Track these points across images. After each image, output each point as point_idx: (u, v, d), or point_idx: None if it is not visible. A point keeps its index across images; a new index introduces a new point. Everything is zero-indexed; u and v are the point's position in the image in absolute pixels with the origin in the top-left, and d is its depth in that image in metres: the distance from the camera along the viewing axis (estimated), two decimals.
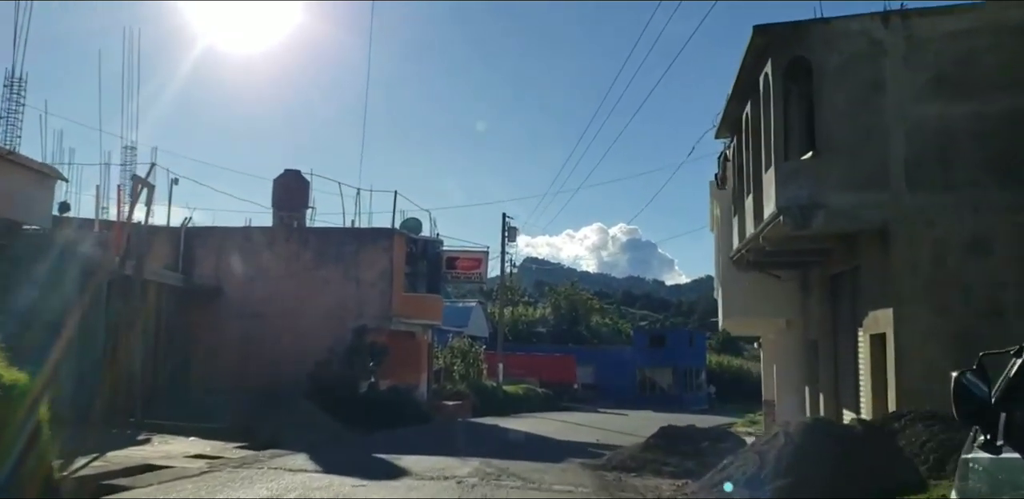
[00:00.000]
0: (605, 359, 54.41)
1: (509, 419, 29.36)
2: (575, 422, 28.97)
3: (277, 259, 26.99)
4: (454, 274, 29.80)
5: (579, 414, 35.95)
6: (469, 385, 33.29)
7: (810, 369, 18.56)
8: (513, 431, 23.66)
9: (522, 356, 49.07)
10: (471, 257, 29.90)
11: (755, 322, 19.84)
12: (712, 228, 24.16)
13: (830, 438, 10.81)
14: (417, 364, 29.95)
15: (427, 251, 29.07)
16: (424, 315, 28.80)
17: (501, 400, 33.80)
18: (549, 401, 38.83)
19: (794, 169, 13.63)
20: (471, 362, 34.72)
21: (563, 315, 65.49)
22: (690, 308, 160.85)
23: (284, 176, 28.20)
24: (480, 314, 55.91)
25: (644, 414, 40.67)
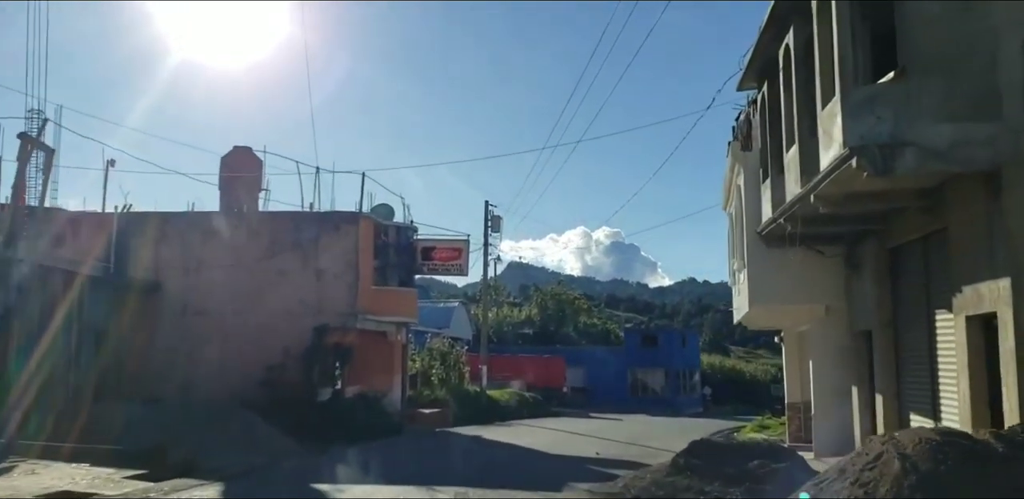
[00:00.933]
0: (595, 361, 50.75)
1: (493, 428, 25.61)
2: (568, 430, 25.26)
3: (224, 248, 23.12)
4: (431, 265, 26.07)
5: (570, 420, 32.22)
6: (449, 391, 29.50)
7: (859, 366, 14.96)
8: (498, 444, 19.89)
9: (508, 358, 45.29)
10: (450, 246, 26.18)
11: (788, 311, 16.26)
12: (726, 206, 20.59)
13: (970, 462, 7.19)
14: (389, 368, 26.14)
15: (399, 239, 25.29)
16: (397, 311, 24.99)
17: (485, 406, 30.03)
18: (537, 406, 35.09)
19: (870, 96, 10.01)
20: (452, 365, 30.94)
21: (549, 315, 61.79)
22: (674, 310, 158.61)
23: (233, 154, 24.36)
24: (463, 315, 52.11)
25: (639, 419, 37.15)
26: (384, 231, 24.62)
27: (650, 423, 33.79)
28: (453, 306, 50.29)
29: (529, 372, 43.07)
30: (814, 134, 11.76)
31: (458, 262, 26.22)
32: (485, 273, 30.92)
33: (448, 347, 31.39)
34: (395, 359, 26.39)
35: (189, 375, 22.10)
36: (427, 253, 26.11)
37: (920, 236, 12.24)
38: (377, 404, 22.90)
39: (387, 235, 24.69)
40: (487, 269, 30.88)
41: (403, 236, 25.37)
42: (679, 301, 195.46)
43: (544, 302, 62.51)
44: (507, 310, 64.05)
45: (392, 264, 24.94)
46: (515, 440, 20.83)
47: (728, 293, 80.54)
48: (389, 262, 24.82)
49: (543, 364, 44.46)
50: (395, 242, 25.05)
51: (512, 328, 60.97)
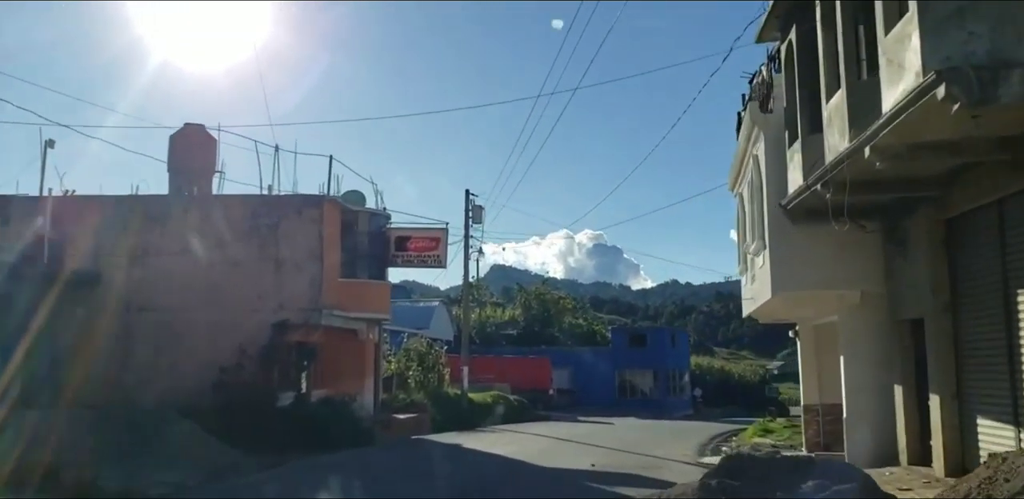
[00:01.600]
0: (581, 361, 48.29)
1: (475, 435, 23.07)
2: (557, 436, 22.76)
3: (173, 236, 20.45)
4: (405, 257, 23.50)
5: (558, 425, 29.74)
6: (427, 394, 26.94)
7: (904, 361, 12.61)
8: (480, 455, 17.37)
9: (491, 359, 42.73)
10: (426, 236, 23.62)
11: (816, 298, 13.88)
12: (734, 186, 18.24)
13: None
14: (360, 369, 23.55)
15: (370, 227, 22.71)
16: (367, 307, 22.41)
17: (466, 411, 27.48)
18: (522, 410, 32.58)
19: (958, 8, 7.65)
20: (430, 366, 28.36)
21: (534, 316, 59.29)
22: (657, 312, 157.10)
23: (184, 131, 21.69)
24: (444, 315, 49.51)
25: (629, 422, 34.74)
26: (353, 218, 22.02)
27: (642, 427, 31.38)
28: (433, 306, 47.66)
29: (514, 374, 40.52)
30: (873, 71, 9.40)
31: (435, 253, 23.67)
32: (466, 266, 28.45)
33: (426, 347, 28.81)
34: (367, 360, 23.80)
35: (132, 379, 19.40)
36: (401, 243, 23.54)
37: (993, 200, 9.90)
38: (345, 409, 20.29)
39: (356, 222, 22.10)
40: (468, 262, 28.41)
41: (374, 224, 22.78)
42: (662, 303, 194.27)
43: (528, 302, 60.02)
44: (490, 310, 61.52)
45: (362, 255, 22.35)
46: (500, 449, 18.30)
47: (710, 294, 78.65)
48: (358, 252, 22.23)
49: (528, 365, 41.95)
50: (365, 230, 22.47)
51: (495, 329, 58.43)
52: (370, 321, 23.45)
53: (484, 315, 59.65)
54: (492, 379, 38.67)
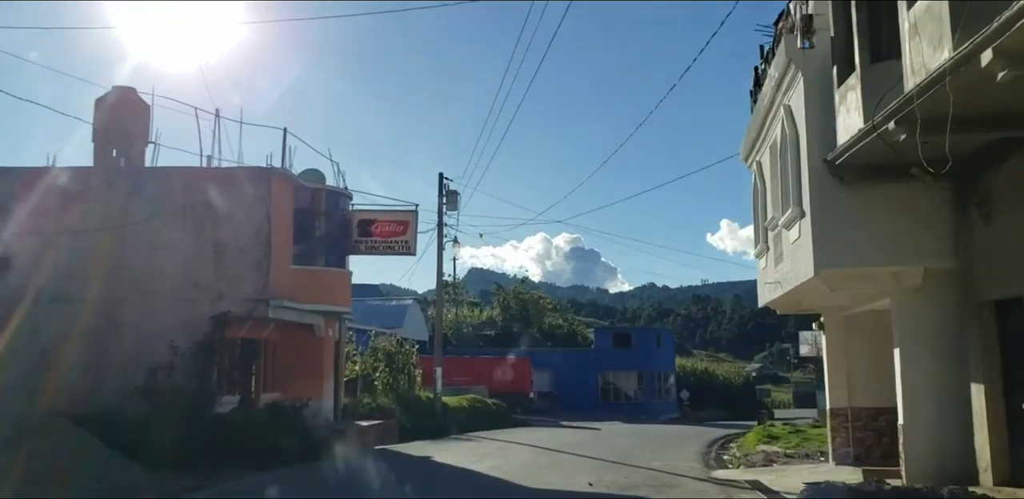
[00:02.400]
0: (563, 363, 45.40)
1: (449, 444, 20.12)
2: (541, 445, 19.86)
3: (96, 215, 17.31)
4: (370, 242, 20.52)
5: (540, 431, 26.87)
6: (396, 398, 23.93)
7: (985, 355, 9.88)
8: (452, 472, 14.41)
9: (468, 360, 39.80)
10: (394, 219, 20.66)
11: (865, 277, 11.10)
12: (750, 154, 15.50)
13: None
14: (318, 370, 20.51)
15: (329, 207, 19.72)
16: (324, 298, 19.39)
17: (439, 416, 24.51)
18: (500, 415, 29.66)
19: None
20: (400, 367, 25.34)
21: (512, 316, 56.34)
22: (634, 314, 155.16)
23: (112, 96, 18.58)
24: (417, 314, 46.51)
25: (616, 427, 31.99)
26: (308, 196, 19.01)
27: (631, 432, 28.59)
28: (406, 304, 44.63)
29: (492, 376, 37.62)
30: None
31: (404, 238, 20.69)
32: (440, 256, 25.46)
33: (396, 346, 25.78)
34: (325, 359, 20.77)
35: (42, 382, 16.25)
36: (365, 227, 20.54)
37: None
38: (295, 416, 17.25)
39: (312, 201, 19.09)
40: (442, 251, 25.45)
41: (334, 204, 19.79)
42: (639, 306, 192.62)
43: (506, 302, 57.09)
44: (467, 310, 58.55)
45: (319, 239, 19.37)
46: (476, 463, 15.36)
47: (687, 297, 75.69)
48: (315, 236, 19.23)
49: (508, 366, 39.00)
50: (323, 211, 19.47)
51: (472, 329, 55.42)
52: (329, 315, 20.42)
53: (461, 315, 56.66)
54: (468, 381, 35.75)
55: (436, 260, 25.34)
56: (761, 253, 14.94)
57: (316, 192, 19.23)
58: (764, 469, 15.36)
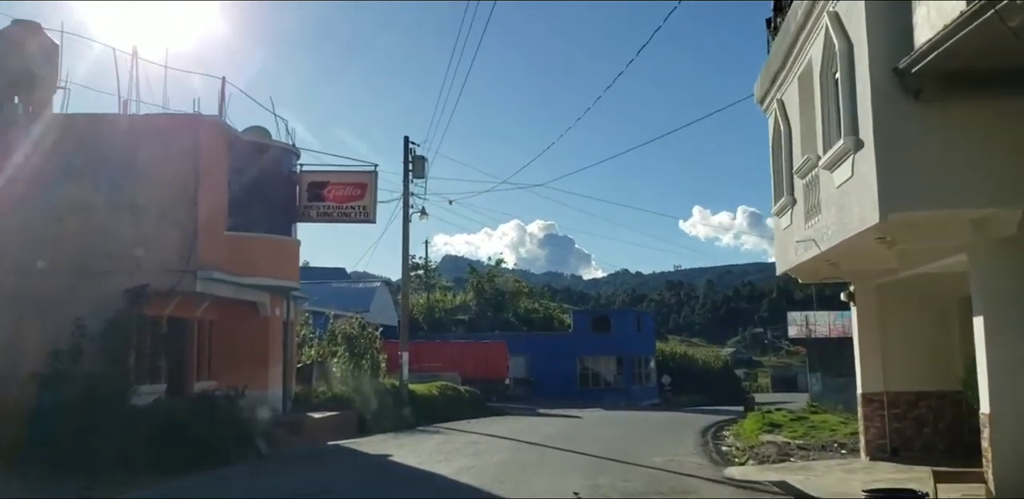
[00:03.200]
0: (540, 348, 42.84)
1: (414, 438, 17.41)
2: (519, 438, 17.24)
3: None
4: (322, 208, 17.66)
5: (517, 421, 24.28)
6: (357, 386, 21.15)
7: None
8: (412, 476, 11.65)
9: (439, 345, 37.11)
10: (349, 181, 17.81)
11: (935, 225, 8.56)
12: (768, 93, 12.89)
13: None
14: (262, 354, 17.68)
15: (273, 166, 16.82)
16: (267, 270, 16.53)
17: (405, 406, 21.77)
18: (474, 403, 27.01)
19: None
20: (362, 352, 22.53)
21: (487, 300, 53.60)
22: (608, 301, 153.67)
23: (12, 30, 15.45)
24: (386, 297, 43.62)
25: (597, 415, 29.53)
26: (247, 151, 16.10)
27: (615, 420, 26.13)
28: (374, 287, 41.74)
29: (465, 361, 34.89)
30: None
31: (361, 203, 17.83)
32: (405, 228, 22.55)
33: (358, 329, 22.95)
34: (271, 342, 17.93)
35: None
36: (316, 190, 17.67)
37: None
38: (230, 408, 14.43)
39: (252, 157, 16.17)
40: (408, 223, 22.57)
41: (279, 162, 16.90)
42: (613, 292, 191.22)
43: (480, 285, 54.30)
44: (440, 294, 55.76)
45: (260, 202, 16.46)
46: (443, 464, 12.65)
47: (661, 283, 72.91)
48: (255, 198, 16.32)
49: (482, 352, 36.32)
50: (266, 169, 16.55)
51: (445, 314, 52.71)
52: (275, 292, 17.57)
53: (433, 299, 53.90)
54: (440, 368, 33.03)
55: (402, 232, 22.52)
56: (784, 209, 12.35)
57: (256, 147, 16.32)
58: (784, 466, 12.87)
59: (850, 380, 32.91)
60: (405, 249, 22.72)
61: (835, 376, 32.43)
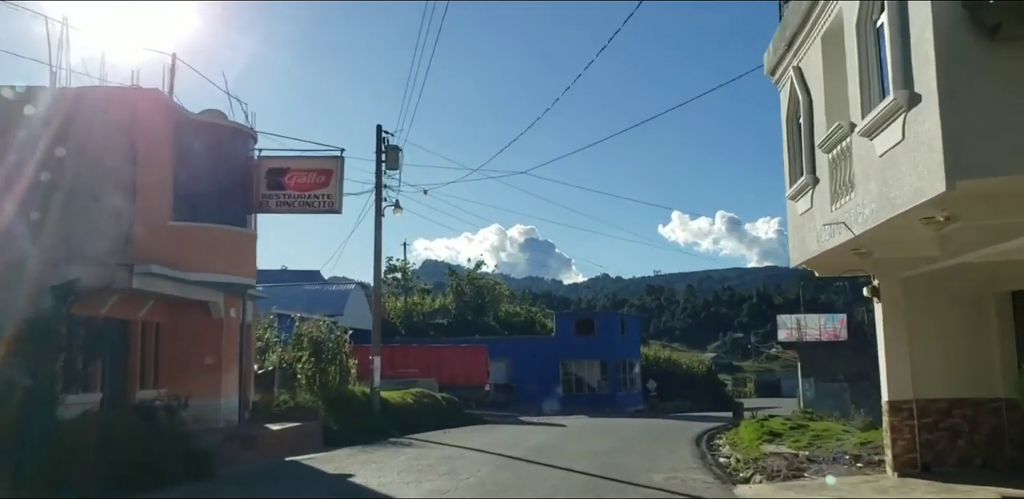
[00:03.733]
0: (521, 352, 41.15)
1: (384, 452, 15.63)
2: (501, 451, 15.53)
3: None
4: (283, 197, 15.87)
5: (499, 430, 22.58)
6: (324, 394, 19.35)
7: None
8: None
9: (416, 350, 35.31)
10: (313, 168, 16.06)
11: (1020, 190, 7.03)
12: (781, 61, 11.39)
13: None
14: (216, 360, 15.83)
15: (227, 149, 15.04)
16: (218, 266, 14.70)
17: (376, 415, 20.00)
18: (452, 411, 25.28)
19: None
20: (330, 357, 20.71)
21: (466, 303, 51.87)
22: (589, 305, 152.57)
23: None
24: (361, 300, 41.72)
25: (582, 423, 27.95)
26: (196, 131, 14.30)
27: (603, 429, 24.47)
28: (349, 289, 39.87)
29: (443, 367, 33.17)
30: None
31: (326, 192, 16.09)
32: (378, 222, 20.79)
33: (325, 332, 21.15)
34: (226, 347, 16.09)
35: None
36: (276, 178, 15.92)
37: None
38: (171, 422, 12.61)
39: (202, 138, 14.38)
40: (380, 218, 20.81)
41: (233, 145, 15.11)
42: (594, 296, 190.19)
43: (460, 288, 52.56)
44: (418, 297, 53.90)
45: (211, 188, 14.65)
46: (412, 485, 10.91)
47: (641, 288, 70.81)
48: (205, 185, 14.52)
49: (461, 356, 34.56)
50: (218, 152, 14.77)
51: (424, 318, 50.87)
52: (231, 291, 15.76)
53: (411, 303, 52.05)
54: (417, 374, 31.31)
55: (374, 227, 20.78)
56: (802, 191, 10.78)
57: (206, 127, 14.53)
58: (802, 484, 11.29)
59: (843, 386, 31.84)
60: (377, 245, 20.96)
61: (828, 381, 31.15)
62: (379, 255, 21.12)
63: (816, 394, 30.96)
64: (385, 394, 21.99)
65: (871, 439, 17.30)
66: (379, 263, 21.16)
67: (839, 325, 35.47)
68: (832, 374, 31.07)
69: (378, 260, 21.10)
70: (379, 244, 21.01)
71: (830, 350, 32.62)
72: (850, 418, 26.03)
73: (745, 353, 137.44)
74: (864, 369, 31.50)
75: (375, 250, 21.06)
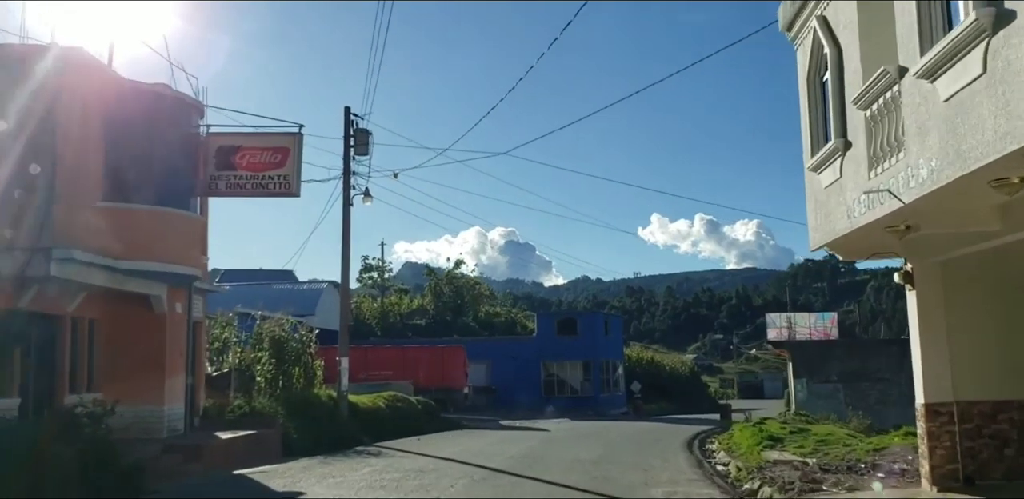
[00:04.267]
0: (501, 354, 39.46)
1: (346, 464, 13.87)
2: (478, 462, 13.84)
3: None
4: (233, 178, 14.09)
5: (477, 436, 20.89)
6: (285, 398, 17.54)
7: None
8: None
9: (391, 351, 33.52)
10: (268, 146, 14.29)
11: None
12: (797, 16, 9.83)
13: None
14: (159, 361, 13.99)
15: (169, 122, 13.23)
16: (158, 253, 12.88)
17: (344, 422, 18.23)
18: (428, 416, 23.54)
19: None
20: (293, 359, 18.91)
21: (445, 304, 50.11)
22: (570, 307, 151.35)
23: None
24: (334, 300, 39.64)
25: (566, 427, 26.39)
26: (133, 99, 12.49)
27: (589, 434, 22.86)
28: (321, 288, 37.96)
29: (419, 368, 31.40)
30: None
31: (281, 172, 14.32)
32: (346, 211, 19.07)
33: (288, 332, 19.34)
34: (171, 346, 14.24)
35: None
36: (227, 157, 14.14)
37: None
38: (96, 431, 10.79)
39: (140, 107, 12.57)
40: (349, 207, 19.08)
41: (177, 118, 13.30)
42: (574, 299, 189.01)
43: (439, 288, 50.78)
44: (395, 298, 52.05)
45: (151, 166, 12.85)
46: None
47: (621, 290, 69.03)
48: (144, 162, 12.72)
49: (438, 358, 32.78)
50: (159, 126, 12.97)
51: (401, 319, 49.05)
52: (175, 283, 13.93)
53: (387, 303, 50.20)
54: (392, 376, 29.54)
55: (342, 217, 19.05)
56: (828, 159, 9.22)
57: (145, 96, 12.71)
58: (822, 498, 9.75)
59: (837, 387, 30.42)
60: (345, 235, 19.19)
61: (821, 382, 29.72)
62: (347, 246, 19.35)
63: (808, 395, 29.53)
64: (354, 398, 20.22)
65: (883, 445, 15.84)
66: (347, 255, 19.40)
67: (830, 324, 34.22)
68: (825, 374, 29.68)
69: (346, 251, 19.34)
70: (347, 234, 19.26)
71: (822, 349, 31.24)
72: (847, 421, 24.64)
73: (725, 354, 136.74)
74: (858, 369, 30.24)
75: (343, 241, 19.29)
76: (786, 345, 32.40)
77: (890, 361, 29.73)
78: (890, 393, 29.21)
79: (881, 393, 29.11)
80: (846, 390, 29.12)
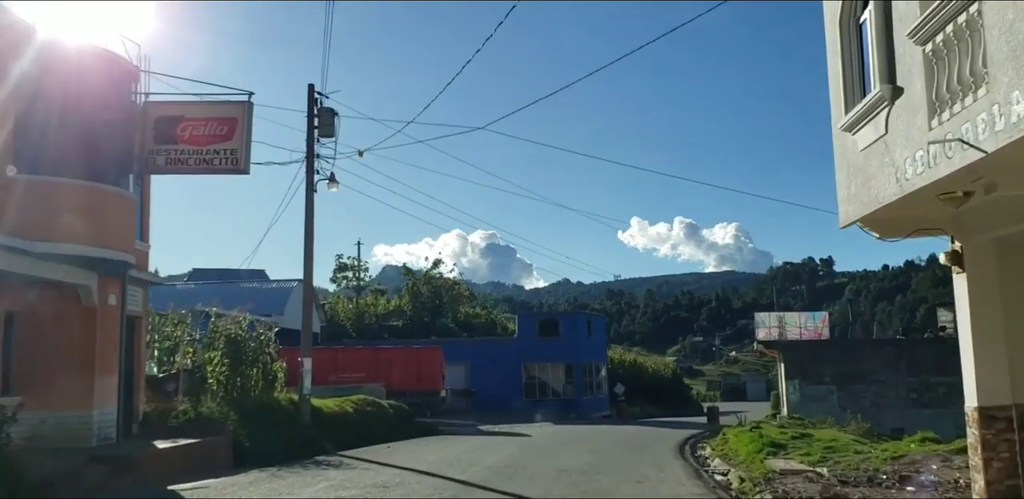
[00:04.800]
0: (480, 355, 37.77)
1: (301, 477, 12.11)
2: (452, 475, 12.17)
3: None
4: (173, 152, 12.30)
5: (454, 442, 19.20)
6: (239, 402, 15.74)
7: None
8: None
9: (362, 352, 31.73)
10: (213, 116, 12.51)
11: None
12: None
13: None
14: (88, 360, 12.19)
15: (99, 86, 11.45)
16: (82, 235, 11.09)
17: (305, 428, 16.44)
18: (400, 420, 21.79)
19: None
20: (250, 359, 17.10)
21: (423, 304, 48.30)
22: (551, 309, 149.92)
23: None
24: None
25: (549, 431, 24.84)
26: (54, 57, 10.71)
27: (572, 439, 21.26)
28: (290, 287, 36.06)
29: (393, 371, 29.64)
30: None
31: (228, 146, 12.57)
32: (309, 198, 17.30)
33: (245, 330, 17.52)
34: (102, 343, 12.43)
35: None
36: (166, 128, 12.39)
37: None
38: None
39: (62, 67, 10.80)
40: (312, 193, 17.32)
41: (107, 82, 11.52)
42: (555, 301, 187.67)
43: (416, 288, 48.97)
44: (371, 298, 50.17)
45: (75, 135, 11.07)
46: None
47: (601, 292, 67.59)
48: (66, 130, 10.93)
49: (413, 359, 31.00)
50: (87, 90, 11.19)
51: (377, 320, 47.20)
52: (105, 269, 12.13)
53: (363, 304, 48.32)
54: (363, 378, 27.78)
55: (305, 204, 17.29)
56: (870, 114, 7.68)
57: (69, 55, 10.92)
58: None
59: (831, 388, 29.01)
60: (308, 223, 17.41)
61: (814, 384, 28.37)
62: (311, 235, 17.57)
63: (801, 398, 28.16)
64: (319, 402, 18.44)
65: (900, 452, 14.36)
66: (311, 244, 17.61)
67: (821, 323, 32.94)
68: (818, 376, 28.33)
69: (310, 241, 17.55)
70: (311, 222, 17.49)
71: (814, 350, 29.88)
72: (846, 424, 23.28)
73: (705, 357, 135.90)
74: (852, 370, 28.93)
75: (306, 229, 17.50)
76: (777, 345, 31.04)
77: (885, 362, 28.52)
78: (885, 395, 27.97)
79: (876, 395, 27.85)
80: (840, 392, 27.82)
